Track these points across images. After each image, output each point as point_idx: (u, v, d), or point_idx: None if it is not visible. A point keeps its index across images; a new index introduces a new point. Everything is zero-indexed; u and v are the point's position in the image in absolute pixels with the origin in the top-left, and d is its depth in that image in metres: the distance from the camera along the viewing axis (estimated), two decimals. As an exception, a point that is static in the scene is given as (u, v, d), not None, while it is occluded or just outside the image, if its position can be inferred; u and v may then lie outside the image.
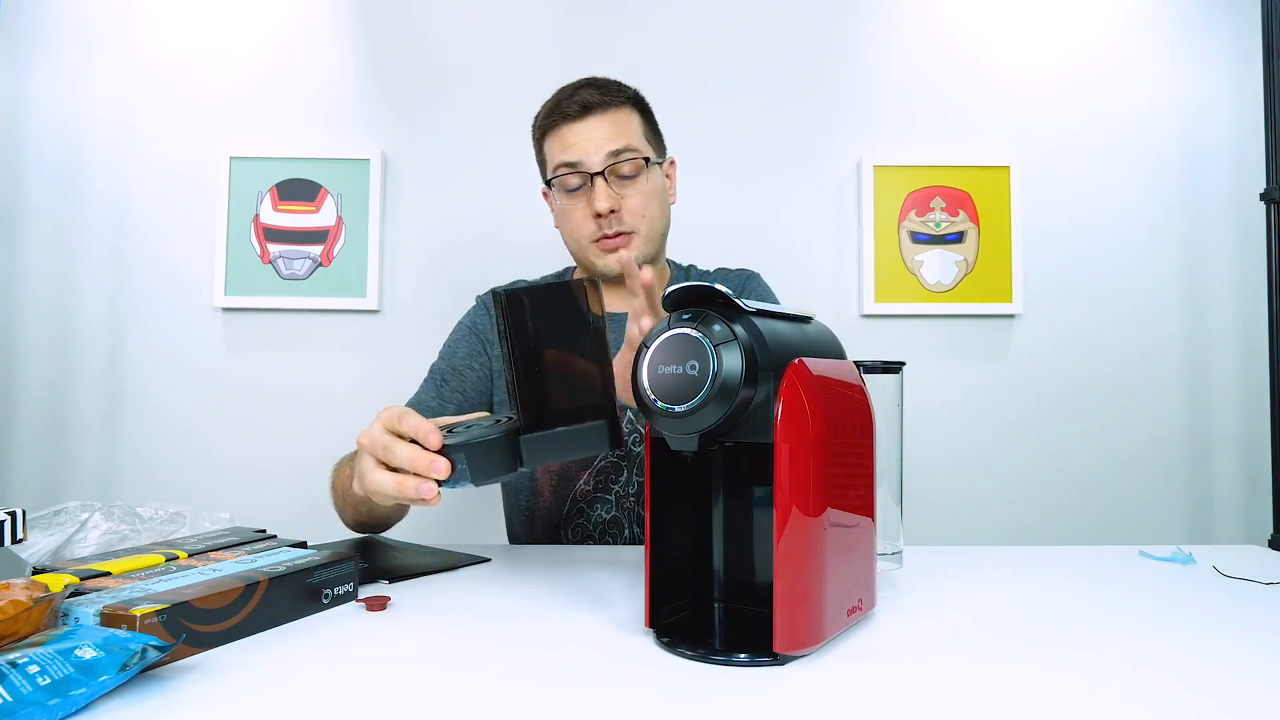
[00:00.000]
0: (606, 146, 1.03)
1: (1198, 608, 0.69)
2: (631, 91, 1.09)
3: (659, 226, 1.09)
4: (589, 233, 1.06)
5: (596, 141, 1.03)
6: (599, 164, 1.03)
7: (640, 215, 1.06)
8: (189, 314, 1.72)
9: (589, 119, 1.04)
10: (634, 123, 1.08)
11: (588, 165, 1.03)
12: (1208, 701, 0.49)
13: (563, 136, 1.05)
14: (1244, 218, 1.73)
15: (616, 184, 1.05)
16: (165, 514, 0.85)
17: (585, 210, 1.05)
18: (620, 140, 1.04)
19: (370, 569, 0.80)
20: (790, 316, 0.60)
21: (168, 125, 1.73)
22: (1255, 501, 1.71)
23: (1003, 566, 0.84)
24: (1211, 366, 1.75)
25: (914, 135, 1.75)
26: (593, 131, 1.04)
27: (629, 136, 1.05)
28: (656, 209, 1.08)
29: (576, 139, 1.04)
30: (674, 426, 0.55)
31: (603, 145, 1.03)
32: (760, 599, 0.64)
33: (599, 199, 1.03)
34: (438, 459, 0.59)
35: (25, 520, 0.65)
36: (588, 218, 1.05)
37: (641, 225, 1.06)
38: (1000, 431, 1.74)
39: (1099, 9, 1.77)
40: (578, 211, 1.06)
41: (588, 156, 1.03)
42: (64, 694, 0.44)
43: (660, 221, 1.10)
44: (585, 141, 1.04)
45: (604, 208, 1.03)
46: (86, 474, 1.69)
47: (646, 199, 1.06)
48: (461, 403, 1.09)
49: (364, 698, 0.49)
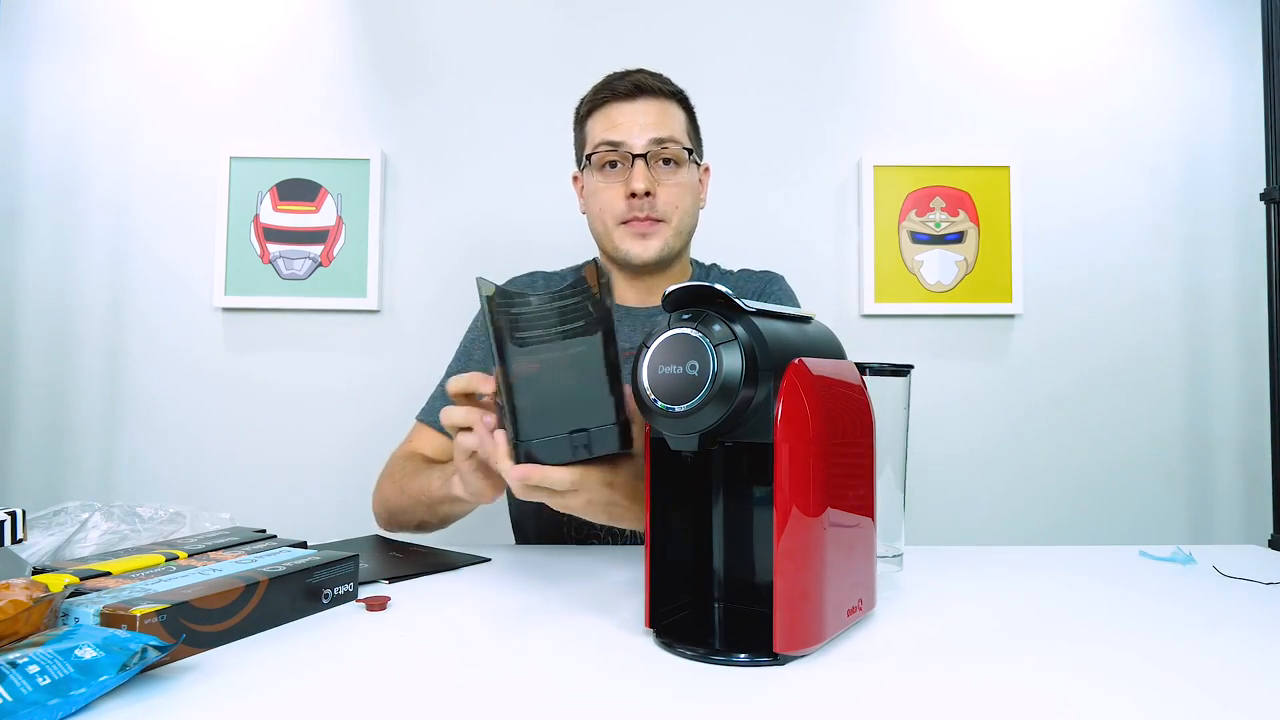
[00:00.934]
0: (652, 131, 1.03)
1: (1198, 608, 0.69)
2: (678, 88, 1.10)
3: (689, 223, 1.09)
4: (619, 212, 1.05)
5: (643, 124, 1.03)
6: (642, 146, 1.03)
7: (674, 206, 1.05)
8: (189, 314, 1.71)
9: (639, 101, 1.04)
10: (680, 117, 1.08)
11: (631, 146, 1.03)
12: (1208, 701, 0.49)
13: (610, 115, 1.05)
14: (1244, 218, 1.73)
15: (656, 169, 1.04)
16: (165, 514, 0.85)
17: (619, 190, 1.04)
18: (666, 128, 1.04)
19: (370, 569, 0.80)
20: (790, 316, 0.60)
21: (168, 125, 1.73)
22: (1255, 501, 1.71)
23: (1003, 566, 0.84)
24: (1211, 366, 1.75)
25: (914, 135, 1.75)
26: (640, 114, 1.04)
27: (674, 126, 1.05)
28: (690, 204, 1.08)
29: (624, 119, 1.04)
30: (674, 426, 0.55)
31: (648, 129, 1.03)
32: (760, 599, 0.64)
33: (636, 179, 1.02)
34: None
35: (25, 520, 0.65)
36: (620, 197, 1.04)
37: (674, 216, 1.06)
38: (1000, 431, 1.74)
39: (1099, 9, 1.77)
40: (612, 190, 1.05)
41: (632, 137, 1.03)
42: (64, 694, 0.44)
43: (690, 218, 1.09)
44: (631, 122, 1.03)
45: (640, 188, 1.02)
46: (86, 474, 1.69)
47: (682, 191, 1.06)
48: None
49: (364, 698, 0.49)
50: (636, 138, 1.03)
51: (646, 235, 1.05)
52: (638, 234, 1.05)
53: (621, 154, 1.03)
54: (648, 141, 1.03)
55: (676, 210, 1.06)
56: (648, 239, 1.05)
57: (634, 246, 1.05)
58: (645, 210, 1.04)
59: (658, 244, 1.05)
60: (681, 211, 1.06)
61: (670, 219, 1.05)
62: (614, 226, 1.06)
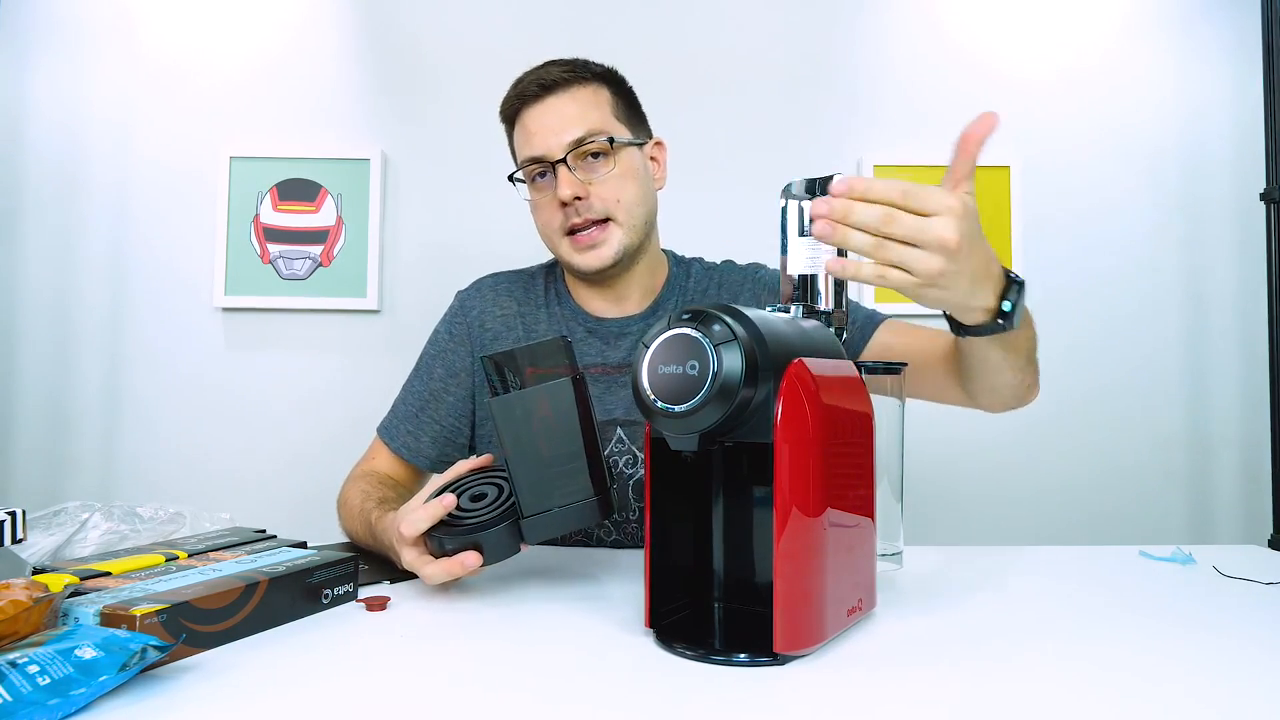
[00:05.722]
0: (568, 132, 0.95)
1: (1198, 608, 0.69)
2: (600, 68, 1.01)
3: (639, 213, 1.00)
4: (559, 224, 0.98)
5: (556, 127, 0.96)
6: (560, 151, 0.95)
7: (614, 200, 0.97)
8: (189, 314, 1.71)
9: (549, 99, 0.97)
10: (602, 100, 0.99)
11: (549, 154, 0.96)
12: (1208, 701, 0.49)
13: (525, 124, 0.98)
14: (1244, 218, 1.73)
15: (583, 170, 0.97)
16: (165, 514, 0.85)
17: (553, 201, 0.97)
18: (583, 123, 0.96)
19: (370, 569, 0.80)
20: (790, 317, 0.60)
21: (168, 125, 1.73)
22: (1255, 501, 1.71)
23: (1003, 566, 0.84)
24: (1211, 366, 1.75)
25: (914, 135, 1.75)
26: (552, 114, 0.96)
27: (594, 117, 0.97)
28: (634, 194, 0.99)
29: (537, 125, 0.97)
30: (674, 426, 0.55)
31: (564, 130, 0.95)
32: (760, 599, 0.64)
33: (561, 186, 0.95)
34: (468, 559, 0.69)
35: (25, 520, 0.65)
36: (557, 209, 0.97)
37: (618, 212, 0.97)
38: (1000, 431, 1.74)
39: (1099, 10, 1.77)
40: (546, 204, 0.99)
41: (548, 144, 0.96)
42: (64, 694, 0.44)
43: (640, 208, 1.00)
44: (545, 128, 0.96)
45: (567, 195, 0.95)
46: (86, 474, 1.69)
47: (619, 183, 0.97)
48: (437, 433, 1.05)
49: (364, 698, 0.49)
50: (552, 142, 0.96)
51: (595, 245, 0.97)
52: (584, 246, 0.98)
53: (545, 165, 0.97)
54: (565, 145, 0.95)
55: (619, 204, 0.97)
56: (598, 248, 0.98)
57: (583, 259, 0.98)
58: (583, 214, 0.96)
59: (609, 249, 0.98)
60: (627, 203, 0.98)
61: (615, 215, 0.97)
62: (559, 241, 1.00)
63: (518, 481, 0.69)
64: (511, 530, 0.70)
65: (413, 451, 1.05)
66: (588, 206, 0.97)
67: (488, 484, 0.75)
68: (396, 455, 1.05)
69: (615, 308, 1.06)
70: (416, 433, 1.05)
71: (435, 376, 1.07)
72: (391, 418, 1.08)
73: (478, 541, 0.69)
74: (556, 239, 1.00)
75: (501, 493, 0.73)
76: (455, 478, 0.77)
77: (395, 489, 0.99)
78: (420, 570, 0.71)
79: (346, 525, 0.96)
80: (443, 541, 0.70)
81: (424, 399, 1.07)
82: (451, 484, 0.75)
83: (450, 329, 1.10)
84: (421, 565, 0.71)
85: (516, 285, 1.11)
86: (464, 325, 1.08)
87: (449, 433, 1.06)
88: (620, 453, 1.01)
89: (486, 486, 0.74)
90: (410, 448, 1.05)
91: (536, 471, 0.69)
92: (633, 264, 1.03)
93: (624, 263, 1.01)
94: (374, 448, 1.09)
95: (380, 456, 1.07)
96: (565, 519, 0.70)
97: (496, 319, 1.08)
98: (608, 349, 1.04)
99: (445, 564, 0.70)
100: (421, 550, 0.73)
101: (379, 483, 0.99)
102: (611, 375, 1.03)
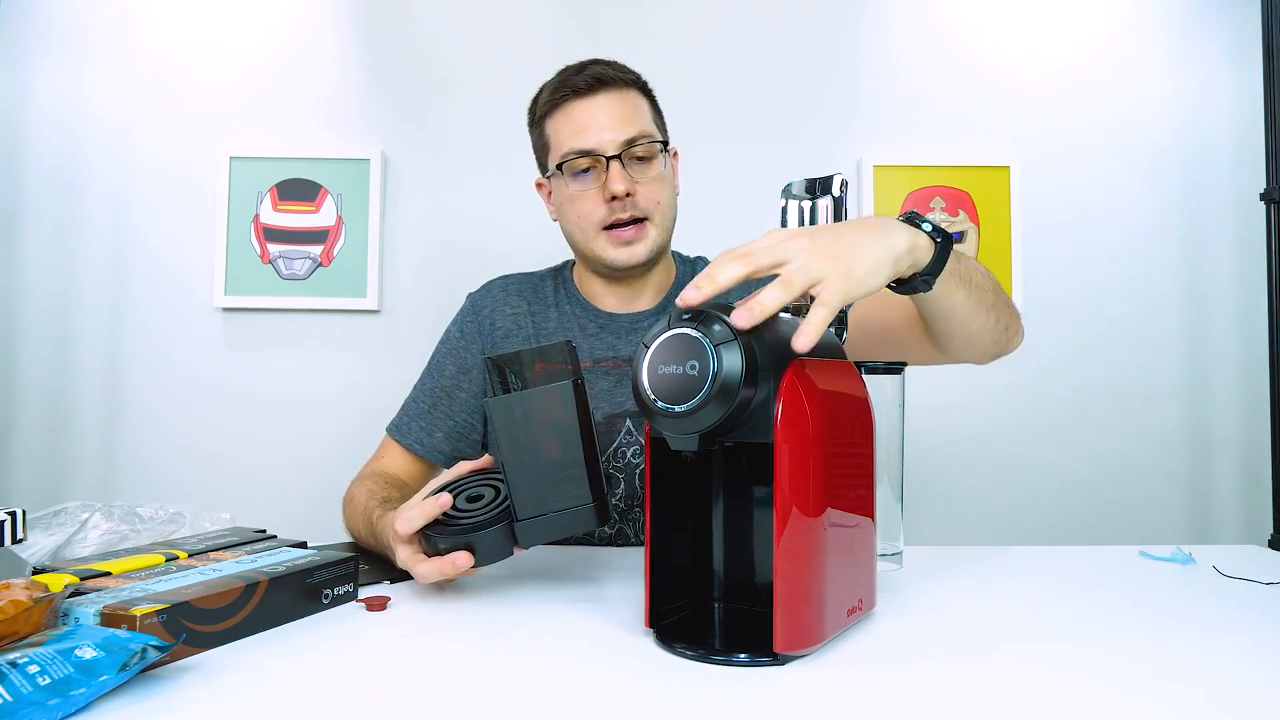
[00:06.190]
0: (623, 131, 0.98)
1: (1198, 608, 0.69)
2: (636, 75, 1.04)
3: (671, 216, 1.05)
4: (600, 218, 1.00)
5: (609, 124, 0.98)
6: (614, 148, 0.97)
7: (655, 202, 1.01)
8: (189, 314, 1.71)
9: (600, 95, 0.99)
10: (644, 106, 1.03)
11: (602, 149, 0.97)
12: (1208, 701, 0.49)
13: (572, 116, 0.99)
14: (1244, 218, 1.73)
15: (632, 167, 0.99)
16: (165, 514, 0.85)
17: (596, 195, 0.99)
18: (635, 124, 0.99)
19: (370, 569, 0.80)
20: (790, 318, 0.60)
21: (168, 125, 1.73)
22: (1255, 501, 1.71)
23: (1003, 567, 0.84)
24: (1211, 367, 1.75)
25: (914, 135, 1.75)
26: (604, 110, 0.98)
27: (641, 120, 1.01)
28: (669, 197, 1.04)
29: (587, 120, 0.98)
30: (674, 426, 0.55)
31: (617, 128, 0.98)
32: (760, 599, 0.64)
33: (614, 180, 0.97)
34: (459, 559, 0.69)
35: (25, 520, 0.65)
36: (599, 202, 0.99)
37: (656, 214, 1.01)
38: (1000, 431, 1.74)
39: (1099, 9, 1.77)
40: (588, 196, 1.00)
41: (601, 139, 0.98)
42: (64, 694, 0.44)
43: (672, 211, 1.05)
44: (597, 124, 0.98)
45: (620, 189, 0.97)
46: (86, 474, 1.69)
47: (660, 186, 1.02)
48: (450, 429, 1.06)
49: (364, 698, 0.49)
50: (606, 138, 0.98)
51: (632, 242, 1.00)
52: (622, 242, 1.00)
53: (594, 158, 0.98)
54: (619, 142, 0.97)
55: (658, 206, 1.01)
56: (634, 245, 1.01)
57: (619, 254, 1.01)
58: (628, 210, 0.99)
59: (644, 247, 1.01)
60: (663, 206, 1.02)
61: (653, 216, 1.01)
62: (595, 235, 1.01)
63: (513, 484, 0.69)
64: (505, 532, 0.70)
65: (426, 447, 1.06)
66: (633, 204, 0.99)
67: (486, 485, 0.75)
68: (409, 452, 1.06)
69: (628, 304, 1.09)
70: (430, 428, 1.06)
71: (447, 374, 1.09)
72: (402, 416, 1.09)
73: (470, 542, 0.69)
74: (593, 233, 1.01)
75: (498, 495, 0.73)
76: (455, 478, 0.77)
77: (401, 489, 1.00)
78: (412, 568, 0.72)
79: (350, 524, 0.97)
80: (436, 540, 0.70)
81: (436, 396, 1.08)
82: (449, 484, 0.76)
83: (462, 328, 1.12)
84: (414, 563, 0.72)
85: (525, 286, 1.14)
86: (475, 323, 1.11)
87: (462, 428, 1.07)
88: (629, 443, 1.03)
89: (484, 488, 0.74)
90: (424, 443, 1.06)
91: (533, 474, 0.69)
92: (656, 264, 1.07)
93: (651, 262, 1.04)
94: (383, 447, 1.09)
95: (390, 455, 1.07)
96: (560, 524, 0.69)
97: (507, 317, 1.10)
98: (619, 343, 1.06)
99: (436, 563, 0.70)
100: (416, 548, 0.73)
101: (385, 483, 1.00)
102: (624, 369, 1.05)
